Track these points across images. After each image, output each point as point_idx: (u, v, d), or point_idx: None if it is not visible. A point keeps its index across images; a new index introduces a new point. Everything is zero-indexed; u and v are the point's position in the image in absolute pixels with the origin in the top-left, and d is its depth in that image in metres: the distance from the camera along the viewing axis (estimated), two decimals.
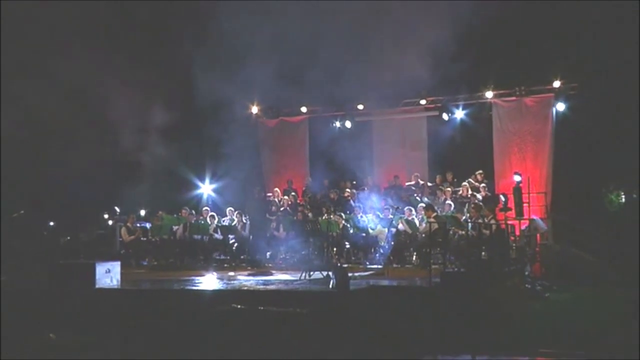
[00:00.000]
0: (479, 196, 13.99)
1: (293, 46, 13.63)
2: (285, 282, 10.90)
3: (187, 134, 16.26)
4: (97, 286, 10.13)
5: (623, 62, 15.76)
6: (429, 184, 15.38)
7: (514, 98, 15.22)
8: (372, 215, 13.95)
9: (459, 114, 15.74)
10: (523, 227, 13.43)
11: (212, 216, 14.51)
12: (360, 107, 16.41)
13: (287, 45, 13.64)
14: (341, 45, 13.56)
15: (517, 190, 12.98)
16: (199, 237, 14.14)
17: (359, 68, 14.05)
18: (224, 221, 14.51)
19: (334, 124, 16.87)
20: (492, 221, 12.50)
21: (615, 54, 15.71)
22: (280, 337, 8.40)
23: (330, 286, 9.54)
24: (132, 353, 8.53)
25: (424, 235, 12.79)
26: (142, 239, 14.76)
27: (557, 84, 14.67)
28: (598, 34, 15.52)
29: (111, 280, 10.49)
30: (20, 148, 15.16)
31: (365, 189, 15.28)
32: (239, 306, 9.01)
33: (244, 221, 14.20)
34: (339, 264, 11.22)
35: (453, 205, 13.60)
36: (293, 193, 15.90)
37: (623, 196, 15.75)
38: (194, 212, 14.78)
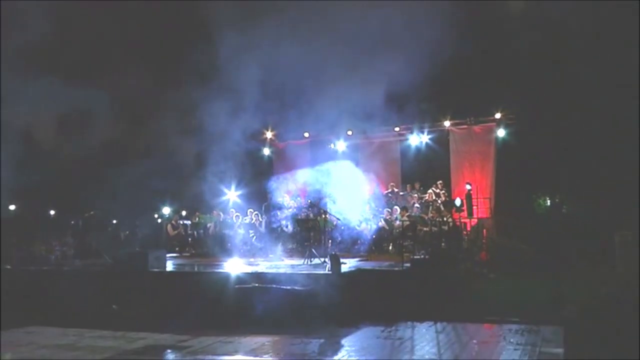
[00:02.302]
0: (439, 200, 14.08)
1: (300, 90, 13.89)
2: (292, 266, 10.95)
3: (216, 152, 16.31)
4: (149, 269, 10.22)
5: (549, 99, 16.02)
6: (401, 192, 15.47)
7: (465, 126, 15.26)
8: (359, 215, 14.00)
9: (424, 138, 15.78)
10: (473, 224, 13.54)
11: (237, 216, 14.51)
12: (350, 132, 16.53)
13: (294, 88, 13.86)
14: (335, 87, 13.69)
15: (468, 196, 13.08)
16: (227, 232, 14.20)
17: (349, 103, 14.19)
18: (245, 220, 14.57)
19: (330, 146, 16.96)
20: (449, 220, 12.61)
21: (543, 92, 15.95)
22: (289, 309, 8.50)
23: (327, 269, 9.62)
24: (176, 320, 8.62)
25: (398, 230, 12.88)
26: (183, 233, 14.79)
27: (498, 115, 14.70)
28: (530, 78, 15.77)
29: (159, 265, 10.56)
30: (90, 163, 15.20)
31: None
32: (257, 285, 9.11)
33: (261, 220, 14.27)
34: (333, 252, 11.25)
35: (420, 208, 13.69)
36: (299, 198, 15.95)
37: (548, 201, 15.90)
38: (221, 213, 14.86)
